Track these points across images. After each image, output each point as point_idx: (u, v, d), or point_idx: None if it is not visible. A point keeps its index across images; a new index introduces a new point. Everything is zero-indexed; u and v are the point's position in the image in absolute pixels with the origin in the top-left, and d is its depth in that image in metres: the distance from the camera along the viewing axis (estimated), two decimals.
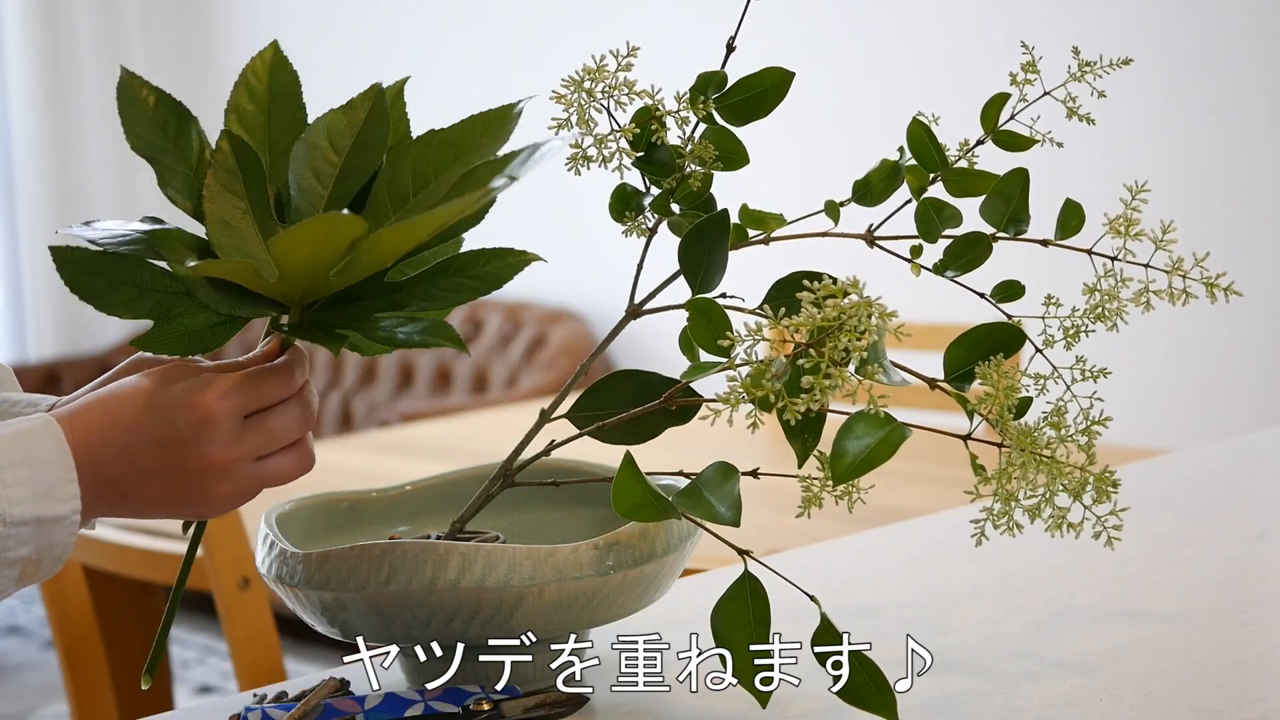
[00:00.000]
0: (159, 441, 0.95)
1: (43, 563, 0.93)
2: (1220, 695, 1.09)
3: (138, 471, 0.95)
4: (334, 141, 1.03)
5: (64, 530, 0.93)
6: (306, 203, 1.02)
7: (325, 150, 1.02)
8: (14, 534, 0.91)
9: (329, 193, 1.02)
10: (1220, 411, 3.67)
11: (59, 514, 0.92)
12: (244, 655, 1.89)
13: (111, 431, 0.95)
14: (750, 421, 0.99)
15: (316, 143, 1.03)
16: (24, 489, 0.91)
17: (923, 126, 1.13)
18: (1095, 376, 1.08)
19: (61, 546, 0.93)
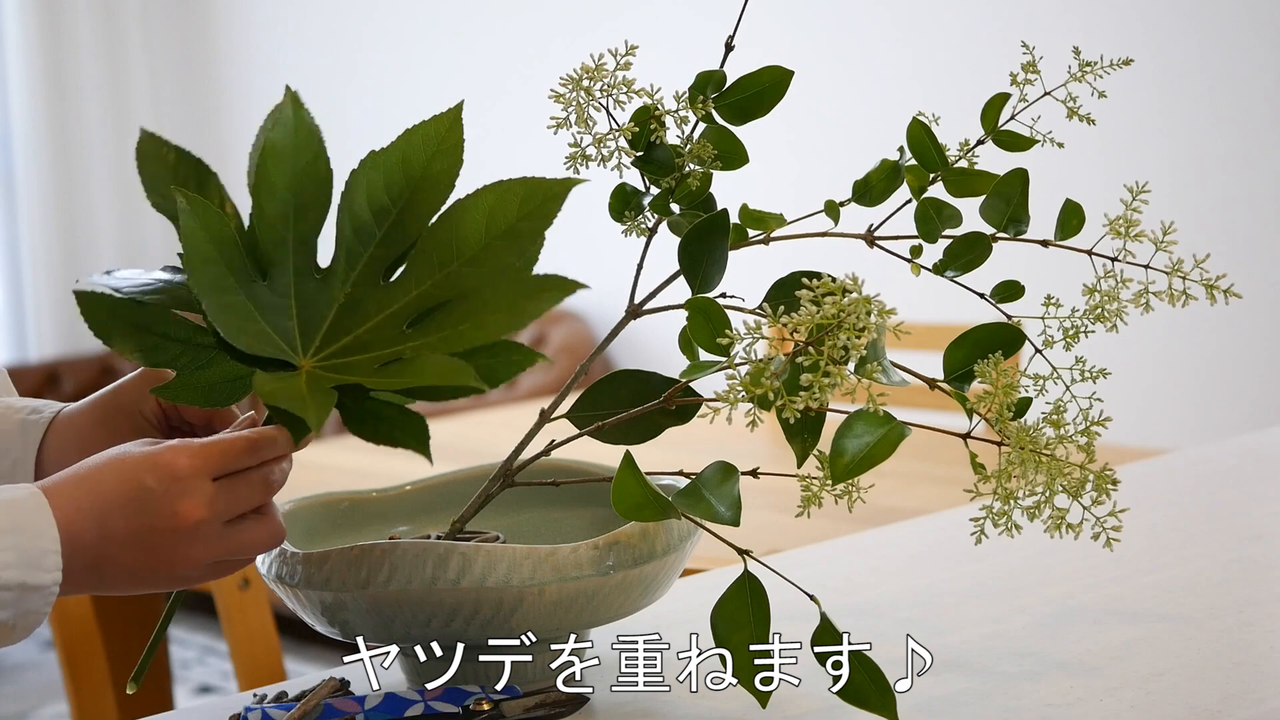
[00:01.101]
0: (130, 500, 0.96)
1: (16, 628, 0.95)
2: (1220, 695, 1.09)
3: (112, 540, 0.96)
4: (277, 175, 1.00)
5: (42, 599, 0.94)
6: (277, 253, 1.00)
7: (274, 188, 1.00)
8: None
9: (290, 235, 1.01)
10: (1220, 411, 3.67)
11: (41, 583, 0.94)
12: (244, 655, 1.89)
13: (85, 499, 0.96)
14: (749, 420, 0.99)
15: (266, 182, 1.00)
16: (11, 555, 0.93)
17: (923, 126, 1.13)
18: (1095, 377, 1.08)
19: (37, 615, 0.94)
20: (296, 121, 1.00)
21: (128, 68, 5.58)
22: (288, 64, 5.36)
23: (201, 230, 0.98)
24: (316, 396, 0.97)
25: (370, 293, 1.02)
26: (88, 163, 5.52)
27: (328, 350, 1.02)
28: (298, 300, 1.01)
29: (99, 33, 5.53)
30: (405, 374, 0.98)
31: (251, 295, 1.00)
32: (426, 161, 1.01)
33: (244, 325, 0.99)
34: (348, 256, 1.02)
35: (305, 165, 1.01)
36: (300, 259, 1.01)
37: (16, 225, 5.48)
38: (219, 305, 0.98)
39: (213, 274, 0.98)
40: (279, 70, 5.39)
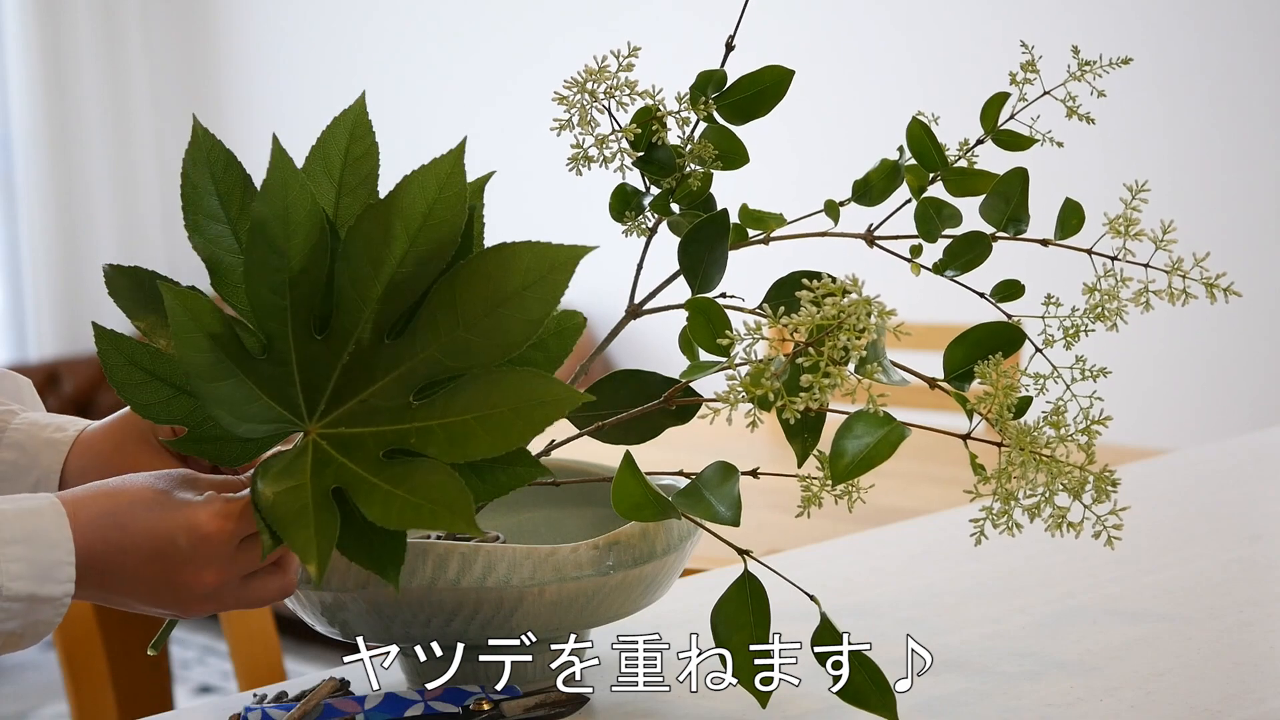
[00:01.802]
0: (157, 552, 0.96)
1: (24, 638, 0.95)
2: (1220, 695, 1.09)
3: (128, 572, 0.97)
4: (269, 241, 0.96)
5: (53, 610, 0.94)
6: (274, 323, 0.97)
7: (266, 256, 0.96)
8: (6, 608, 0.93)
9: (288, 300, 0.97)
10: (1220, 411, 3.67)
11: (52, 595, 0.94)
12: (244, 655, 1.89)
13: (112, 531, 0.96)
14: (750, 421, 0.99)
15: (256, 258, 0.96)
16: (23, 566, 0.93)
17: (922, 126, 1.13)
18: (1095, 376, 1.08)
19: (47, 625, 0.95)
20: (286, 182, 0.95)
21: (128, 68, 5.57)
22: (288, 64, 5.36)
23: (189, 319, 0.95)
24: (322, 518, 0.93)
25: (376, 353, 0.97)
26: (88, 163, 5.52)
27: (334, 414, 0.98)
28: (299, 364, 0.97)
29: (99, 33, 5.53)
30: (404, 484, 0.94)
31: (250, 373, 0.97)
32: (427, 210, 0.96)
33: (242, 407, 0.96)
34: (350, 316, 0.97)
35: (300, 223, 0.96)
36: (299, 323, 0.97)
37: (16, 225, 5.48)
38: (213, 393, 0.96)
39: (205, 361, 0.95)
40: (279, 70, 5.39)
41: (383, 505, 0.94)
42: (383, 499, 0.94)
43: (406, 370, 0.97)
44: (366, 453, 0.96)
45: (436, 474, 0.94)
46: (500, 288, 0.96)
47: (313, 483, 0.95)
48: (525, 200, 4.66)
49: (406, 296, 0.97)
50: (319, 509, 0.93)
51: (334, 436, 0.97)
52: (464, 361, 0.96)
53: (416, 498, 0.93)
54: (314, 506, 0.94)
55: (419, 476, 0.94)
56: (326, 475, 0.95)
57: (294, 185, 0.95)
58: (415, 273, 0.96)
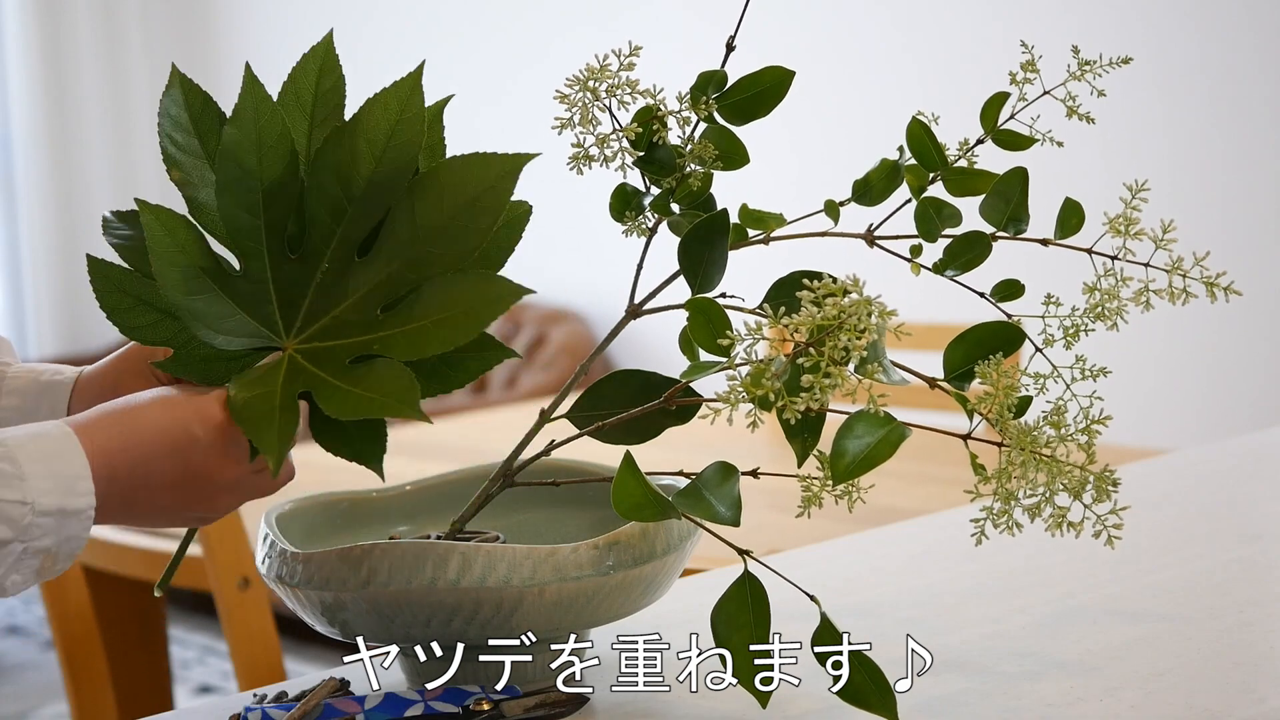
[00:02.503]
0: (176, 448, 0.99)
1: (58, 557, 0.96)
2: (1220, 695, 1.09)
3: (151, 481, 0.99)
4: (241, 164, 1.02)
5: (80, 524, 0.96)
6: (250, 241, 1.02)
7: (239, 178, 1.01)
8: (41, 523, 0.94)
9: (262, 220, 1.02)
10: (1220, 411, 3.67)
11: (78, 507, 0.95)
12: (244, 655, 1.89)
13: (130, 440, 0.98)
14: (750, 421, 0.99)
15: (227, 177, 1.01)
16: (48, 482, 0.94)
17: (922, 126, 1.13)
18: (1095, 376, 1.08)
19: (77, 540, 0.96)
20: (258, 106, 1.02)
21: (128, 68, 5.58)
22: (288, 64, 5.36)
23: (165, 235, 1.00)
24: (285, 417, 0.99)
25: (346, 270, 1.03)
26: (88, 163, 5.52)
27: (309, 331, 1.03)
28: (275, 283, 1.03)
29: (99, 33, 5.53)
30: (362, 382, 1.00)
31: (226, 288, 1.01)
32: (390, 131, 1.02)
33: (219, 321, 1.01)
34: (322, 235, 1.02)
35: (271, 147, 1.01)
36: (274, 242, 1.02)
37: (16, 225, 5.48)
38: (190, 307, 1.00)
39: (180, 275, 1.00)
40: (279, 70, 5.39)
41: (339, 401, 1.00)
42: (340, 396, 1.00)
43: (375, 287, 1.02)
44: (336, 362, 1.02)
45: (390, 370, 1.00)
46: (453, 199, 1.02)
47: (282, 389, 1.00)
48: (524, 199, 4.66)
49: (373, 214, 1.02)
50: (283, 410, 0.99)
51: (308, 350, 1.03)
52: (425, 272, 1.02)
53: (369, 392, 0.99)
54: (279, 409, 0.99)
55: (375, 374, 1.00)
56: (297, 383, 1.01)
57: (265, 110, 1.02)
58: (380, 191, 1.02)
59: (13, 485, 0.93)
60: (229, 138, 1.01)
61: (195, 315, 1.01)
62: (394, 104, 1.02)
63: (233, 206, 1.01)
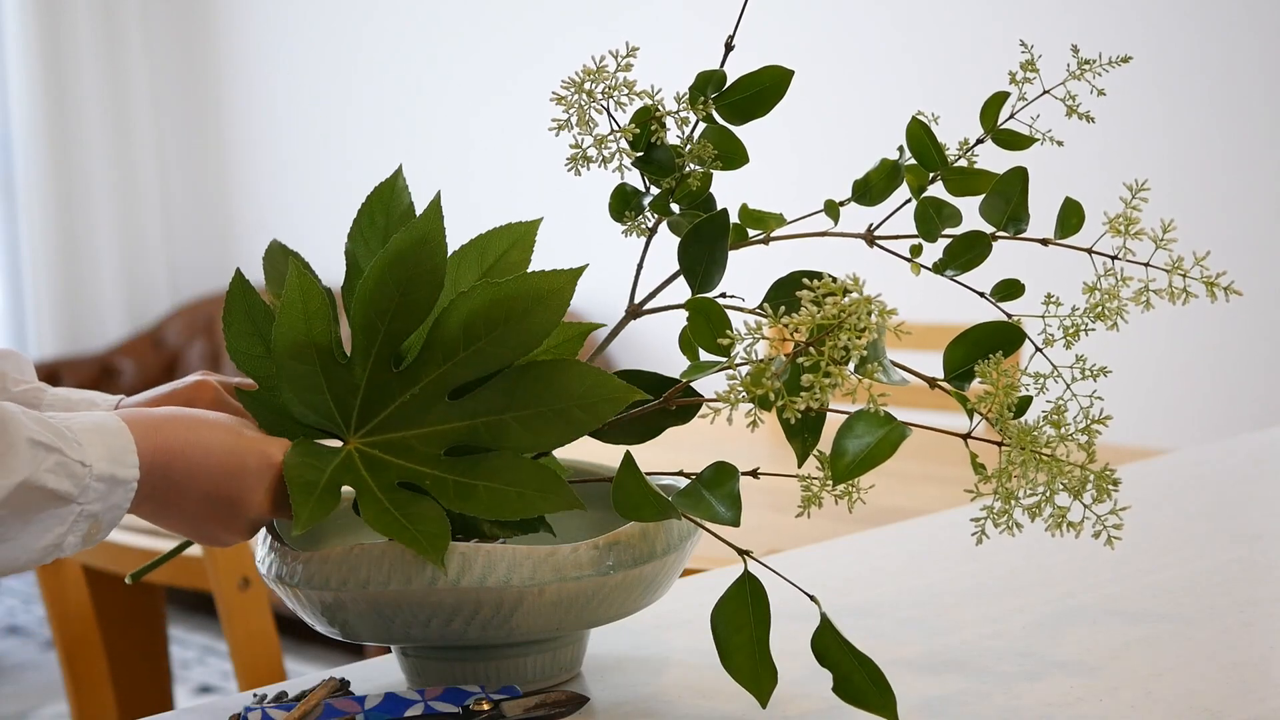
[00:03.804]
0: (227, 472, 1.04)
1: (102, 524, 0.99)
2: (1220, 695, 1.09)
3: (191, 492, 1.03)
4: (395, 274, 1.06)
5: (125, 494, 0.99)
6: (365, 339, 1.06)
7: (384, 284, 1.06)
8: (95, 487, 0.97)
9: (385, 329, 1.06)
10: (1220, 411, 3.67)
11: (126, 477, 0.99)
12: (244, 655, 1.89)
13: (191, 447, 1.03)
14: (750, 421, 0.99)
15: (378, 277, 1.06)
16: (102, 449, 0.98)
17: (922, 125, 1.13)
18: (1095, 375, 1.08)
19: (119, 510, 0.99)
20: (430, 233, 1.05)
21: (128, 68, 5.58)
22: (288, 64, 5.36)
23: (299, 298, 1.05)
24: (324, 497, 1.04)
25: (433, 404, 1.07)
26: (88, 163, 5.52)
27: (376, 438, 1.08)
28: (369, 385, 1.07)
29: (99, 33, 5.53)
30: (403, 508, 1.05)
31: (326, 369, 1.06)
32: (528, 309, 1.05)
33: (305, 393, 1.06)
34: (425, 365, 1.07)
35: (425, 275, 1.05)
36: (385, 350, 1.07)
37: (16, 225, 5.48)
38: (288, 369, 1.05)
39: (297, 344, 1.05)
40: (279, 70, 5.39)
41: (375, 514, 1.04)
42: (378, 509, 1.05)
43: (451, 429, 1.07)
44: (386, 477, 1.07)
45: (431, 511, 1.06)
46: (557, 400, 1.06)
47: (332, 473, 1.05)
48: (525, 200, 4.66)
49: (479, 369, 1.06)
50: (325, 489, 1.04)
51: (367, 454, 1.07)
52: (499, 440, 1.06)
53: (404, 518, 1.04)
54: (323, 487, 1.04)
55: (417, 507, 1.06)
56: (346, 476, 1.06)
57: (435, 237, 1.05)
58: (496, 355, 1.06)
59: (74, 447, 0.96)
60: (394, 243, 1.05)
61: (288, 378, 1.06)
62: (544, 289, 1.05)
63: (366, 302, 1.05)
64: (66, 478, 0.96)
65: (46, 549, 0.96)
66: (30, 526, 0.95)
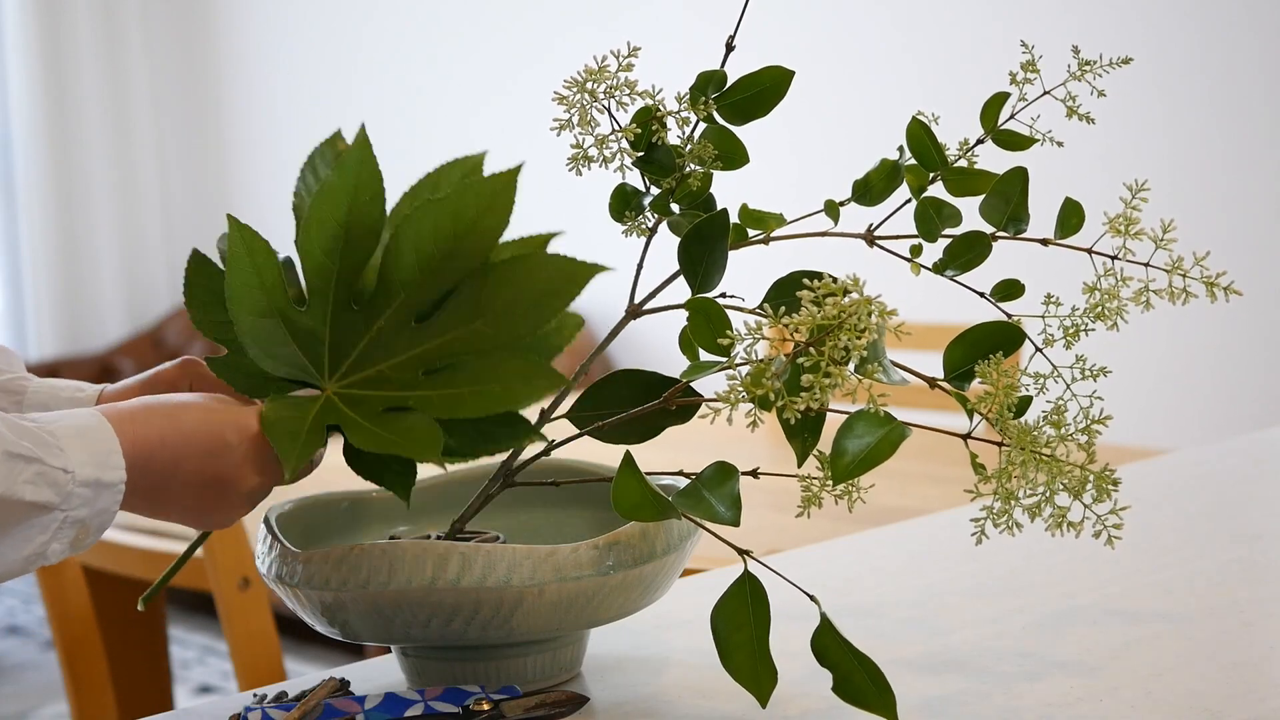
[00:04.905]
0: (208, 452, 1.02)
1: (90, 529, 0.98)
2: (1220, 695, 1.09)
3: (180, 477, 1.02)
4: (333, 209, 1.05)
5: (112, 497, 0.98)
6: (319, 280, 1.06)
7: (327, 222, 1.05)
8: (79, 493, 0.96)
9: (337, 266, 1.06)
10: (1220, 411, 3.67)
11: (112, 480, 0.98)
12: (244, 655, 1.89)
13: (169, 435, 1.01)
14: (750, 421, 0.99)
15: (318, 215, 1.05)
16: (85, 454, 0.97)
17: (922, 126, 1.13)
18: (1095, 375, 1.08)
19: (108, 514, 0.98)
20: (362, 161, 1.05)
21: (128, 68, 5.58)
22: (288, 64, 5.36)
23: (245, 254, 1.03)
24: (310, 440, 1.03)
25: (401, 332, 1.07)
26: (88, 163, 5.52)
27: (351, 379, 1.07)
28: (332, 328, 1.06)
29: (99, 33, 5.53)
30: (391, 427, 1.04)
31: (287, 319, 1.05)
32: (476, 216, 1.05)
33: (273, 347, 1.05)
34: (387, 295, 1.06)
35: (364, 204, 1.05)
36: (342, 290, 1.06)
37: (16, 225, 5.48)
38: (250, 326, 1.04)
39: (251, 298, 1.04)
40: (279, 70, 5.39)
41: (365, 437, 1.04)
42: (366, 433, 1.04)
43: (424, 351, 1.06)
44: (370, 409, 1.06)
45: (420, 421, 1.05)
46: (524, 293, 1.06)
47: (313, 420, 1.05)
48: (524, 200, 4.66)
49: (441, 287, 1.06)
50: (310, 434, 1.04)
51: (345, 395, 1.07)
52: (474, 347, 1.06)
53: (395, 436, 1.03)
54: (306, 432, 1.04)
55: (405, 422, 1.05)
56: (328, 418, 1.06)
57: (368, 169, 1.05)
58: (454, 268, 1.05)
59: (55, 454, 0.96)
60: (328, 180, 1.05)
61: (252, 335, 1.05)
62: (486, 192, 1.05)
63: (313, 244, 1.05)
64: (47, 486, 0.95)
65: (29, 558, 0.96)
66: (9, 538, 0.94)
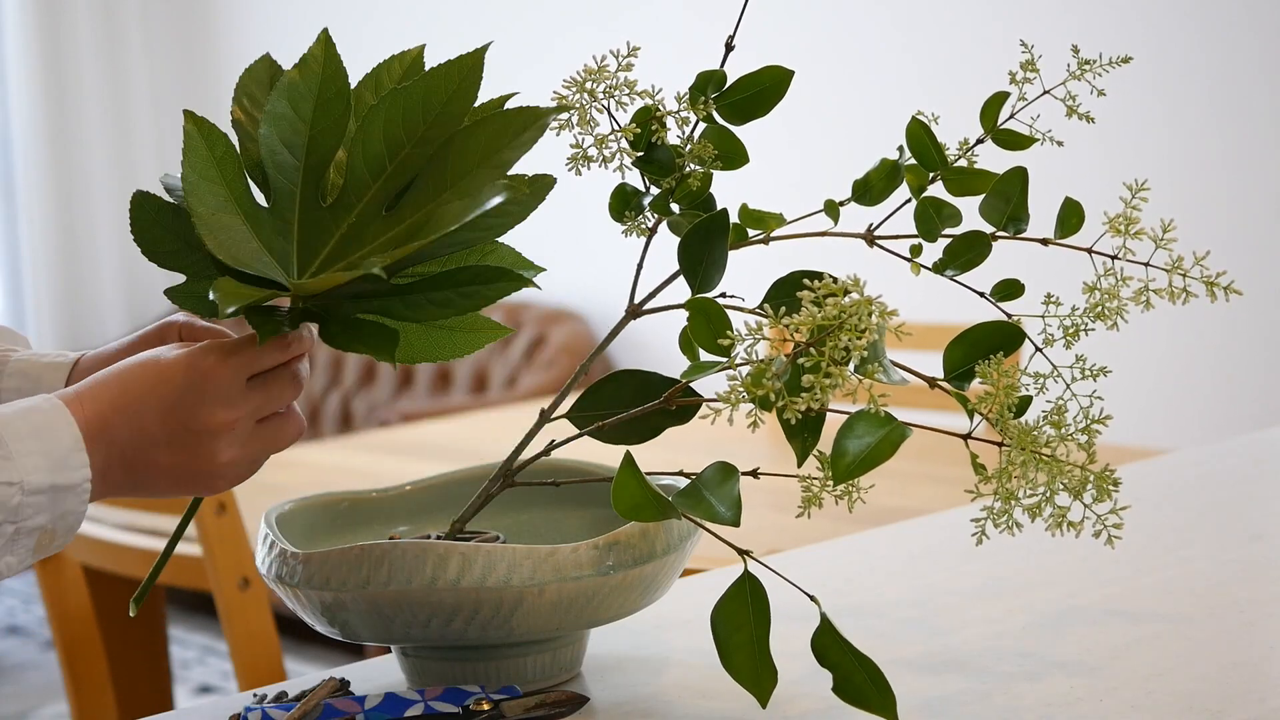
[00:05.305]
0: (164, 403, 0.98)
1: (56, 532, 0.96)
2: (1220, 695, 1.09)
3: (146, 439, 0.98)
4: (296, 106, 1.03)
5: (76, 498, 0.95)
6: (284, 179, 1.03)
7: (291, 118, 1.03)
8: (32, 502, 0.93)
9: (303, 163, 1.03)
10: (1220, 411, 3.67)
11: (72, 482, 0.95)
12: (244, 655, 1.89)
13: (120, 399, 0.98)
14: (750, 421, 0.99)
15: (280, 112, 1.03)
16: (38, 459, 0.94)
17: (922, 125, 1.13)
18: (1095, 375, 1.08)
19: (74, 515, 0.96)
20: (327, 57, 1.03)
21: (128, 68, 5.58)
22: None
23: (205, 149, 1.00)
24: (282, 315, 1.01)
25: (371, 223, 1.04)
26: (88, 163, 5.52)
27: (313, 267, 1.03)
28: (301, 226, 1.03)
29: (99, 33, 5.53)
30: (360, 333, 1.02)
31: (251, 217, 1.02)
32: (446, 100, 1.03)
33: (236, 245, 1.00)
34: (357, 190, 1.04)
35: (329, 98, 1.03)
36: (309, 187, 1.03)
37: (16, 225, 5.48)
38: (213, 223, 1.00)
39: (211, 191, 1.00)
40: None
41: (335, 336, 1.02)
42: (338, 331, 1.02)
43: (393, 235, 1.03)
44: (342, 313, 1.03)
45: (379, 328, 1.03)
46: (489, 153, 1.03)
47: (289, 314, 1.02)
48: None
49: (405, 177, 1.03)
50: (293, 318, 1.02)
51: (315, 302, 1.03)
52: (440, 227, 1.01)
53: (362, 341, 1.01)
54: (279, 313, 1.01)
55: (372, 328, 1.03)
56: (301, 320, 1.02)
57: (332, 65, 1.03)
58: (420, 154, 1.02)
59: (1, 466, 0.93)
60: (290, 78, 1.02)
61: (213, 231, 1.00)
62: (454, 76, 1.03)
63: (277, 141, 1.02)
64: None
65: None
66: None
